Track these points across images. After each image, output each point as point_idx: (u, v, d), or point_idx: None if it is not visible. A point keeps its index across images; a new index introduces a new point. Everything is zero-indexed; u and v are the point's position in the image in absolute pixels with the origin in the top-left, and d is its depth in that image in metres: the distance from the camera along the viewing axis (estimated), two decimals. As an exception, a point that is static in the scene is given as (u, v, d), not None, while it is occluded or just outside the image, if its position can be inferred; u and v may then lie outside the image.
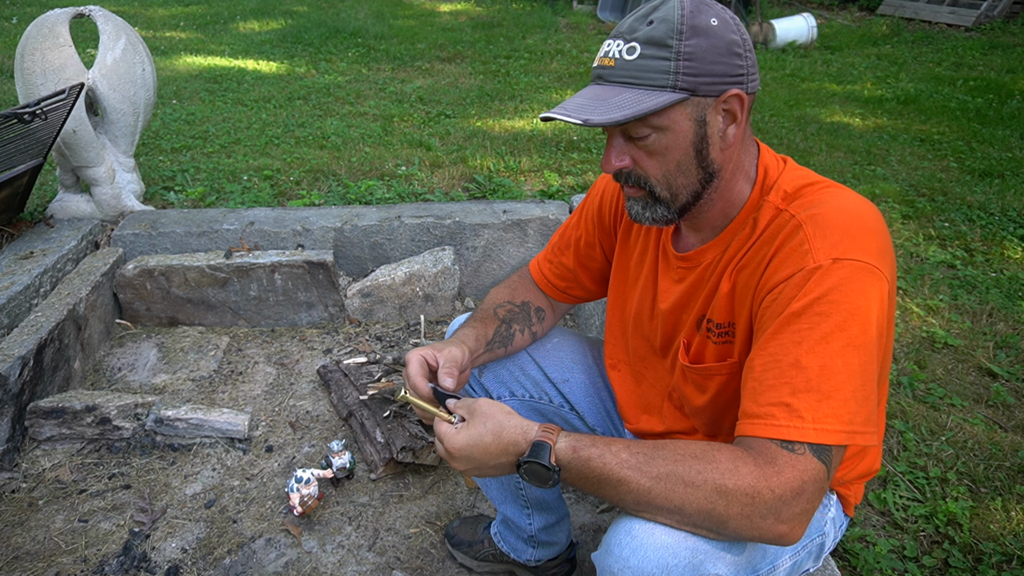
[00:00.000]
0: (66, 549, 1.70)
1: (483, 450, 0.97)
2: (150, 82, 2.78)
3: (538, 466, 0.94)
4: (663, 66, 0.94)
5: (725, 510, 0.87)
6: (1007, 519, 1.74)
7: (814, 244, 0.93)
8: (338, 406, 2.17)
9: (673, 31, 0.93)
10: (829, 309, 0.90)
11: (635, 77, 0.95)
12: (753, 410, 0.92)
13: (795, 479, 0.86)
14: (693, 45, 0.93)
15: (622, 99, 0.94)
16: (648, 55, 0.94)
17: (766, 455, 0.88)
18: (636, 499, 0.90)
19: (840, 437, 0.88)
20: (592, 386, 1.42)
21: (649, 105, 0.93)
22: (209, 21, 7.29)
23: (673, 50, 0.93)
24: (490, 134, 4.09)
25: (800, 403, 0.88)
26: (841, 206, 0.97)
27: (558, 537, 1.57)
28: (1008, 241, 3.14)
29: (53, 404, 2.00)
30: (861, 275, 0.91)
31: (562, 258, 1.39)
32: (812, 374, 0.89)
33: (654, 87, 0.94)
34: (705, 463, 0.88)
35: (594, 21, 7.92)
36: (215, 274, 2.56)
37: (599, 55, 1.00)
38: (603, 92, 0.97)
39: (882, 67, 6.26)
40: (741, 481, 0.86)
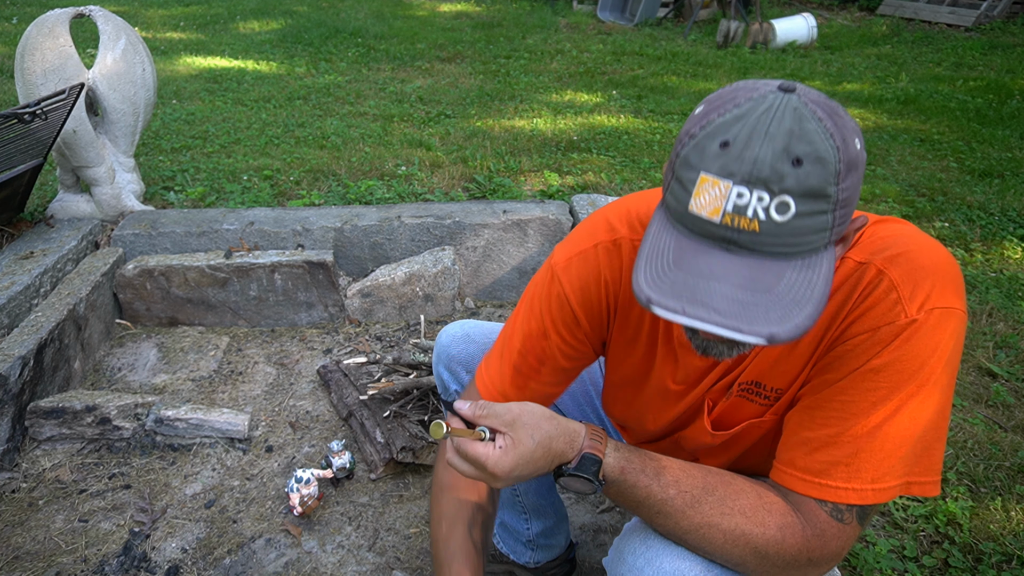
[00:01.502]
0: (66, 549, 1.70)
1: (532, 467, 0.85)
2: (150, 82, 2.78)
3: (583, 480, 0.85)
4: (821, 223, 0.72)
5: (756, 567, 0.84)
6: (1007, 519, 1.74)
7: (903, 292, 0.82)
8: (338, 406, 2.17)
9: (831, 174, 0.70)
10: (912, 366, 0.81)
11: (790, 245, 0.72)
12: (807, 464, 0.85)
13: (837, 548, 0.83)
14: (849, 187, 0.72)
15: (789, 283, 0.72)
16: (804, 212, 0.70)
17: (816, 525, 0.83)
18: (668, 532, 0.87)
19: (893, 493, 0.83)
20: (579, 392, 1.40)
21: (820, 287, 0.72)
22: (209, 21, 7.29)
23: (831, 200, 0.71)
24: (490, 134, 4.09)
25: (863, 463, 0.82)
26: (920, 244, 0.85)
27: (557, 540, 1.57)
28: (1008, 241, 3.14)
29: (53, 404, 2.00)
30: (951, 322, 0.82)
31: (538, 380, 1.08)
32: (879, 432, 0.82)
33: (810, 252, 0.73)
34: (753, 525, 0.83)
35: (594, 21, 7.93)
36: (215, 274, 2.56)
37: (719, 203, 0.71)
38: (753, 271, 0.72)
39: (882, 67, 6.26)
40: (784, 552, 0.82)
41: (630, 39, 7.04)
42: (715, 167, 0.72)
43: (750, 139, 0.71)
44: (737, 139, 0.71)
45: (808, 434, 0.86)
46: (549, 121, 4.41)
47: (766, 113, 0.71)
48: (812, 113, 0.71)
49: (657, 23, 7.90)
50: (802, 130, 0.70)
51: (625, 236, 1.01)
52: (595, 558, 1.71)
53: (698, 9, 7.60)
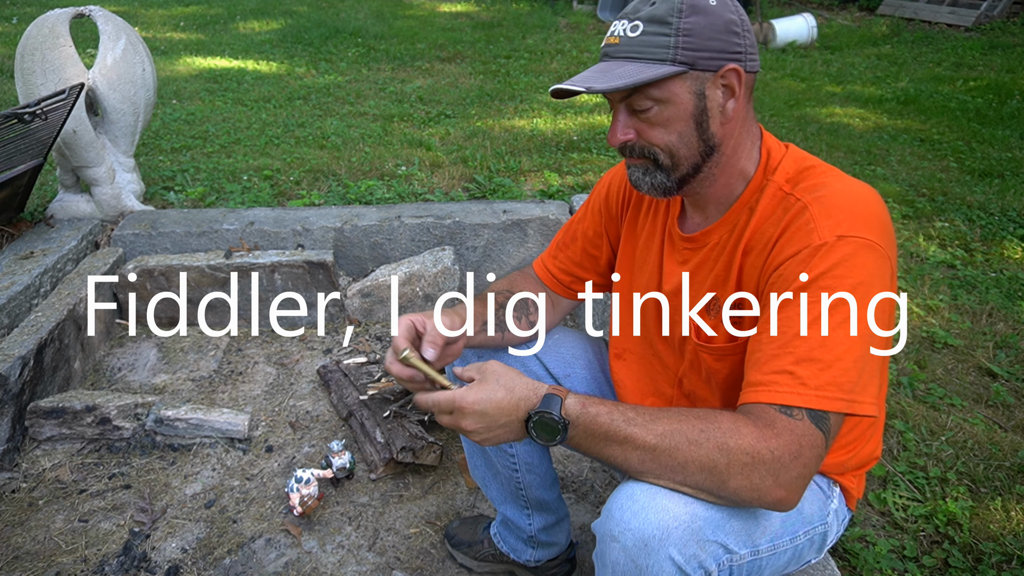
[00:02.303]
0: (66, 549, 1.70)
1: (495, 405, 0.98)
2: (150, 82, 2.78)
3: (548, 417, 0.96)
4: (663, 41, 0.99)
5: (726, 468, 0.90)
6: (1007, 519, 1.74)
7: (819, 223, 0.97)
8: (338, 406, 2.17)
9: (673, 10, 0.99)
10: (833, 283, 0.94)
11: (637, 52, 1.00)
12: (756, 378, 0.96)
13: (793, 442, 0.90)
14: (692, 22, 0.98)
15: (624, 71, 0.99)
16: (650, 32, 0.99)
17: (765, 419, 0.92)
18: (641, 457, 0.93)
19: (839, 405, 0.91)
20: (594, 381, 1.42)
21: (648, 75, 0.98)
22: (209, 21, 7.29)
23: (673, 27, 0.98)
24: (490, 134, 4.09)
25: (803, 371, 0.92)
26: (844, 189, 1.01)
27: (558, 538, 1.57)
28: (1008, 241, 3.14)
29: (53, 404, 2.00)
30: (864, 251, 0.95)
31: (568, 252, 1.40)
32: (815, 344, 0.92)
33: (654, 60, 0.99)
34: (707, 423, 0.92)
35: (594, 21, 7.93)
36: (215, 274, 2.56)
37: (607, 36, 1.05)
38: (607, 66, 1.02)
39: (882, 67, 6.26)
40: (742, 440, 0.90)
41: (630, 39, 7.04)
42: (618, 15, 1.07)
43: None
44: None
45: (757, 355, 0.98)
46: (549, 121, 4.41)
47: None
48: None
49: (657, 23, 7.89)
50: None
51: None
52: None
53: (698, 9, 7.59)
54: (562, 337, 1.44)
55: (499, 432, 1.00)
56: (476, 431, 1.00)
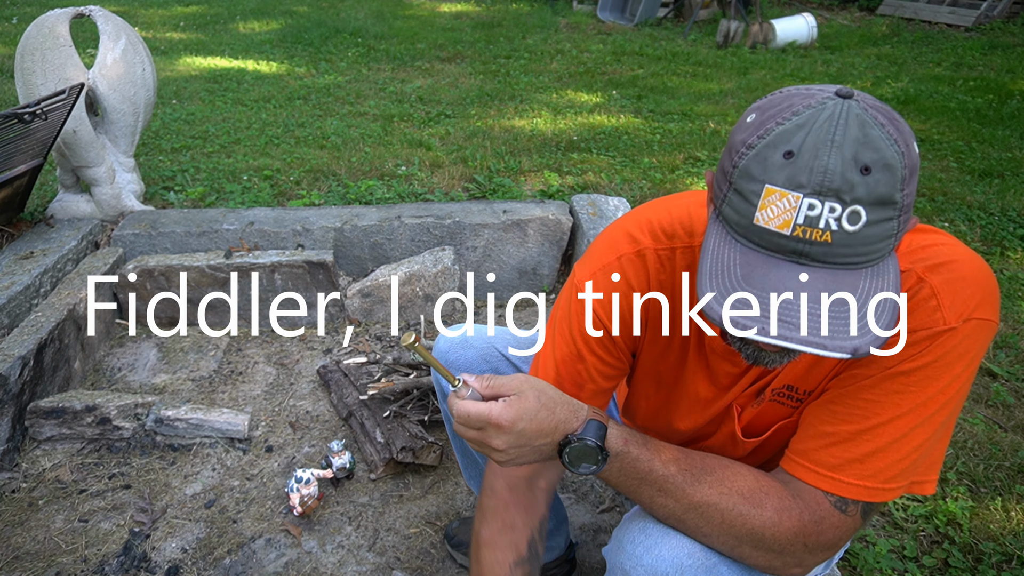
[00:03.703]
0: (66, 549, 1.70)
1: (536, 426, 0.84)
2: (150, 82, 2.78)
3: (589, 447, 0.84)
4: (888, 229, 0.71)
5: (751, 551, 0.85)
6: (1007, 519, 1.74)
7: (944, 301, 0.82)
8: (338, 406, 2.17)
9: (897, 180, 0.69)
10: (941, 373, 0.82)
11: (861, 255, 0.71)
12: (819, 457, 0.86)
13: (834, 538, 0.84)
14: (911, 192, 0.71)
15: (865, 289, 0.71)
16: (874, 220, 0.69)
17: (815, 512, 0.84)
18: (668, 514, 0.88)
19: (899, 493, 0.85)
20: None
21: (894, 298, 0.72)
22: (209, 21, 7.29)
23: (898, 207, 0.70)
24: (490, 134, 4.09)
25: (876, 463, 0.83)
26: (963, 257, 0.85)
27: (556, 541, 1.57)
28: (1008, 241, 3.14)
29: (53, 404, 2.00)
30: (984, 333, 0.83)
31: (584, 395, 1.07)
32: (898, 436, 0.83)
33: (879, 259, 0.72)
34: (751, 507, 0.84)
35: (594, 21, 7.92)
36: (215, 274, 2.56)
37: (791, 216, 0.70)
38: (827, 282, 0.71)
39: (882, 67, 6.26)
40: (780, 536, 0.83)
41: (630, 39, 7.04)
42: (781, 178, 0.70)
43: (817, 148, 0.69)
44: (803, 148, 0.69)
45: (827, 428, 0.86)
46: (549, 121, 4.41)
47: (829, 120, 0.69)
48: (874, 119, 0.69)
49: (657, 23, 7.90)
50: (867, 137, 0.69)
51: (649, 246, 0.99)
52: (595, 558, 1.71)
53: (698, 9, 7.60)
54: None
55: (528, 454, 0.86)
56: (505, 451, 0.85)
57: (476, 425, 0.84)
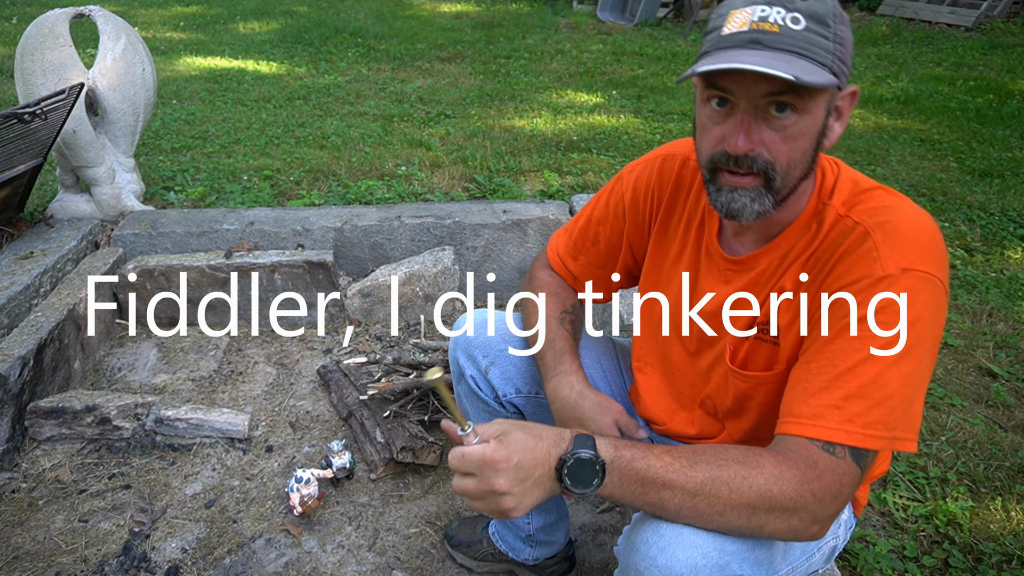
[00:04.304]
0: (66, 549, 1.70)
1: (530, 455, 0.88)
2: (150, 82, 2.78)
3: (584, 458, 0.88)
4: (825, 44, 0.88)
5: (767, 514, 0.87)
6: (1007, 519, 1.74)
7: (883, 252, 0.92)
8: (338, 406, 2.17)
9: (829, 12, 0.89)
10: (893, 319, 0.90)
11: (805, 48, 0.87)
12: (801, 410, 0.91)
13: (834, 483, 0.87)
14: (843, 32, 0.90)
15: (804, 67, 0.86)
16: (813, 29, 0.88)
17: (808, 458, 0.88)
18: (679, 505, 0.88)
19: (882, 443, 0.89)
20: (600, 380, 1.40)
21: (827, 80, 0.86)
22: (209, 21, 7.29)
23: (831, 30, 0.88)
24: (490, 134, 4.09)
25: (852, 407, 0.88)
26: (909, 216, 0.95)
27: (556, 536, 1.57)
28: (1008, 241, 3.14)
29: (53, 404, 2.00)
30: (927, 287, 0.90)
31: (589, 256, 1.34)
32: (867, 380, 0.89)
33: (820, 63, 0.88)
34: (750, 468, 0.87)
35: (594, 21, 7.93)
36: (215, 274, 2.56)
37: (746, 19, 0.89)
38: (774, 57, 0.87)
39: (882, 67, 6.26)
40: (786, 486, 0.86)
41: (630, 39, 7.04)
42: (740, 3, 0.91)
43: None
44: None
45: (803, 384, 0.93)
46: (549, 121, 4.41)
47: None
48: None
49: (657, 23, 7.90)
50: None
51: (686, 155, 1.19)
52: (594, 558, 1.71)
53: (698, 9, 7.60)
54: None
55: (532, 490, 0.89)
56: (510, 491, 0.87)
57: (473, 467, 0.88)
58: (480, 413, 1.43)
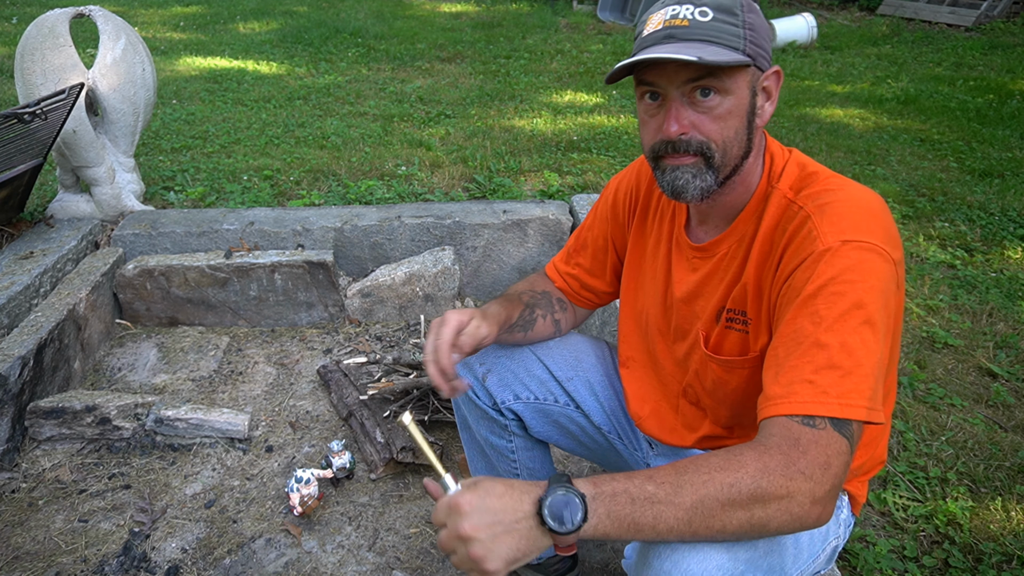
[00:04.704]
0: (66, 549, 1.70)
1: (497, 499, 0.85)
2: (150, 82, 2.78)
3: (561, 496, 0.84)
4: (734, 31, 0.98)
5: (764, 513, 0.85)
6: (1007, 519, 1.74)
7: (822, 230, 0.96)
8: (338, 406, 2.17)
9: (736, 3, 0.99)
10: (843, 288, 0.92)
11: (713, 36, 0.97)
12: (775, 391, 0.92)
13: (820, 455, 0.86)
14: (752, 19, 0.99)
15: (711, 50, 0.96)
16: (720, 19, 0.98)
17: (788, 437, 0.88)
18: (679, 533, 0.86)
19: (862, 412, 0.89)
20: (599, 384, 1.41)
21: (734, 58, 0.96)
22: (209, 21, 7.29)
23: (739, 18, 0.98)
24: (490, 134, 4.09)
25: (823, 379, 0.89)
26: (848, 196, 1.00)
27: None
28: (1008, 241, 3.14)
29: (53, 404, 2.00)
30: (870, 256, 0.93)
31: (578, 259, 1.40)
32: (833, 351, 0.90)
33: (730, 47, 0.97)
34: (734, 472, 0.85)
35: (594, 21, 7.92)
36: (215, 274, 2.56)
37: (663, 17, 1.01)
38: (685, 45, 0.97)
39: (882, 67, 6.26)
40: (773, 477, 0.84)
41: (630, 39, 7.04)
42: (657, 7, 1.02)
43: None
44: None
45: (774, 368, 0.95)
46: (549, 121, 4.41)
47: None
48: None
49: (657, 23, 7.89)
50: None
51: None
52: (594, 557, 1.71)
53: (698, 9, 7.58)
54: (567, 339, 1.43)
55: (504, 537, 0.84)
56: (476, 537, 0.83)
57: (443, 515, 0.87)
58: (479, 422, 1.44)
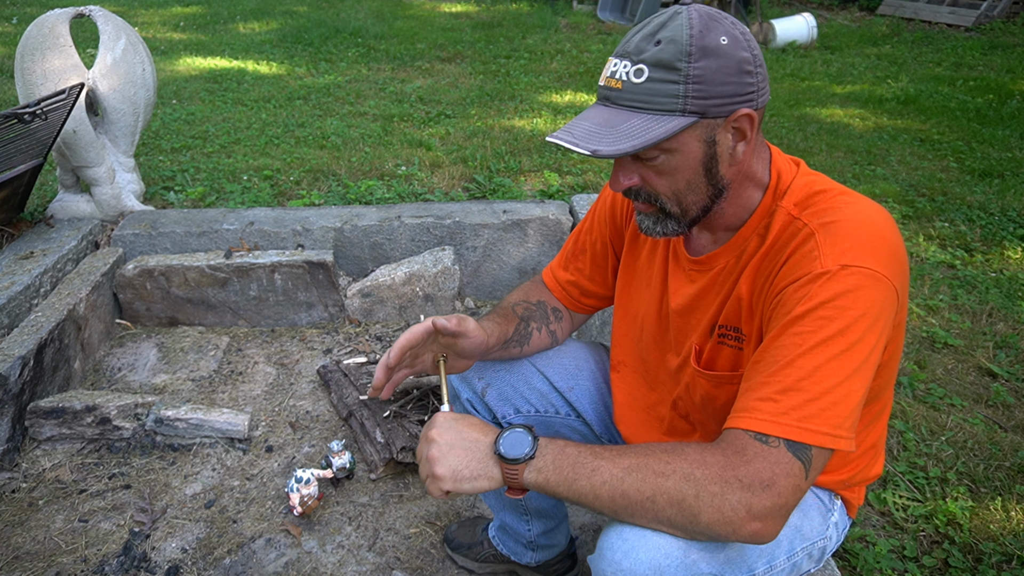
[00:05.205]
0: (66, 549, 1.70)
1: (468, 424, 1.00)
2: (150, 82, 2.78)
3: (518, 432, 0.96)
4: (672, 90, 0.92)
5: (695, 499, 0.87)
6: (1007, 519, 1.74)
7: (824, 251, 0.93)
8: (338, 406, 2.17)
9: (682, 53, 0.91)
10: (833, 314, 0.89)
11: (643, 102, 0.93)
12: (740, 404, 0.92)
13: (764, 469, 0.86)
14: (702, 67, 0.91)
15: (631, 126, 0.92)
16: (656, 78, 0.92)
17: (735, 445, 0.89)
18: (611, 490, 0.90)
19: (824, 440, 0.87)
20: (598, 392, 1.40)
21: (658, 133, 0.91)
22: (209, 21, 7.29)
23: (682, 73, 0.91)
24: (490, 134, 4.09)
25: (787, 400, 0.88)
26: (855, 215, 0.96)
27: (557, 540, 1.57)
28: (1008, 241, 3.14)
29: (53, 404, 2.00)
30: (868, 283, 0.90)
31: (577, 264, 1.37)
32: (804, 374, 0.89)
33: (663, 112, 0.92)
34: (673, 455, 0.90)
35: (594, 21, 7.92)
36: (215, 274, 2.56)
37: (605, 74, 0.98)
38: (611, 117, 0.95)
39: (882, 67, 6.26)
40: (709, 470, 0.87)
41: (630, 39, 7.03)
42: (614, 53, 0.98)
43: (636, 30, 0.96)
44: (630, 32, 0.97)
45: (748, 383, 0.94)
46: (549, 121, 4.41)
47: (656, 16, 0.96)
48: (688, 15, 0.93)
49: (657, 23, 7.88)
50: (670, 24, 0.93)
51: None
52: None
53: (698, 9, 7.58)
54: (564, 348, 1.41)
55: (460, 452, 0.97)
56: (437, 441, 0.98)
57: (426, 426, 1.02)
58: None
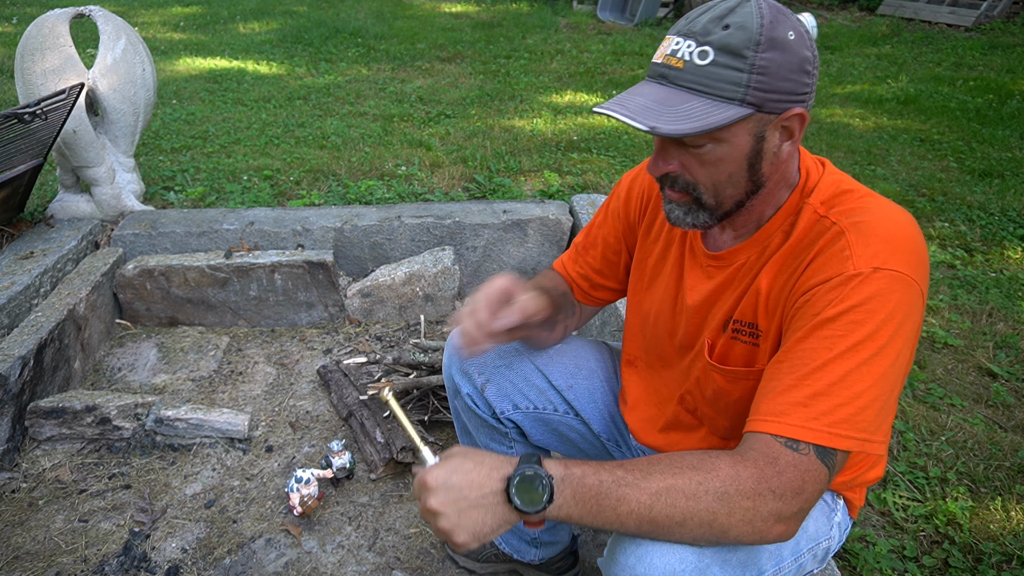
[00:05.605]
0: (66, 549, 1.70)
1: (464, 476, 0.88)
2: (150, 82, 2.78)
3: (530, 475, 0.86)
4: (735, 77, 0.89)
5: (727, 517, 0.85)
6: (1007, 519, 1.74)
7: (855, 251, 0.91)
8: (338, 406, 2.17)
9: (751, 41, 0.88)
10: (863, 318, 0.88)
11: (704, 85, 0.90)
12: (767, 407, 0.90)
13: (796, 478, 0.85)
14: (768, 59, 0.89)
15: (690, 108, 0.89)
16: (721, 63, 0.89)
17: (768, 455, 0.87)
18: (639, 519, 0.86)
19: (850, 444, 0.87)
20: (598, 391, 1.39)
21: (717, 119, 0.88)
22: (209, 21, 7.29)
23: (748, 62, 0.88)
24: (490, 134, 4.09)
25: (818, 405, 0.87)
26: (885, 216, 0.95)
27: (561, 536, 1.57)
28: (1008, 241, 3.14)
29: (53, 404, 2.00)
30: (900, 287, 0.89)
31: (587, 257, 1.35)
32: (835, 379, 0.88)
33: (722, 98, 0.90)
34: (704, 473, 0.86)
35: (594, 21, 7.92)
36: (215, 274, 2.56)
37: (664, 51, 0.94)
38: (668, 95, 0.91)
39: (882, 67, 6.26)
40: (743, 486, 0.85)
41: (630, 39, 7.04)
42: (672, 30, 0.95)
43: (701, 11, 0.93)
44: (693, 12, 0.94)
45: (773, 383, 0.92)
46: (549, 121, 4.41)
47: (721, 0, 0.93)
48: (757, 4, 0.90)
49: (657, 23, 7.89)
50: (738, 8, 0.90)
51: None
52: (595, 557, 1.71)
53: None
54: (566, 346, 1.40)
55: (472, 513, 0.87)
56: (442, 512, 0.86)
57: (417, 491, 0.90)
58: (479, 429, 1.44)
